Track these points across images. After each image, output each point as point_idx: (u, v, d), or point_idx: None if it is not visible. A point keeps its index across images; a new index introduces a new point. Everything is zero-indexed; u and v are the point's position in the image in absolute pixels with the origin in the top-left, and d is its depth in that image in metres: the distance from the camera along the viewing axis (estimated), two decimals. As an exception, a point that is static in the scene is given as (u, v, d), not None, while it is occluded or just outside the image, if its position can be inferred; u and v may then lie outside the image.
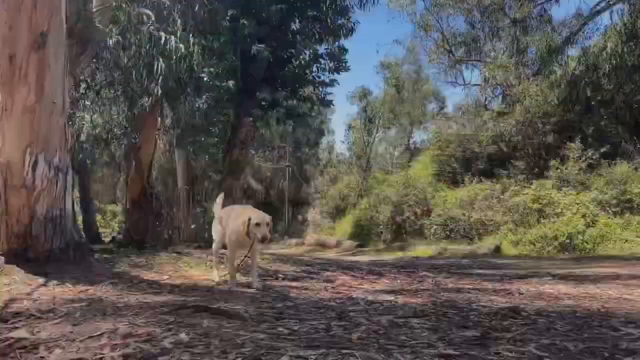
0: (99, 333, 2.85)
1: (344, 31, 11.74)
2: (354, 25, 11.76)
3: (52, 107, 5.85)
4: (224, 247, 5.89)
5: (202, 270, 7.00)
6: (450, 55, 33.08)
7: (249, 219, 4.94)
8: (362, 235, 28.20)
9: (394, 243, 21.47)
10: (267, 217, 5.06)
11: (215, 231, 5.92)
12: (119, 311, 3.53)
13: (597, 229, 14.85)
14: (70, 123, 9.24)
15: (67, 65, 6.24)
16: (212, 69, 10.91)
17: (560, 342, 2.83)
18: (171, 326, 3.06)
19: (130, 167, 12.87)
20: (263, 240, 4.92)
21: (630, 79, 19.55)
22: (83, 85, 12.72)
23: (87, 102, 13.64)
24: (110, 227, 27.50)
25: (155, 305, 3.83)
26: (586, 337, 2.99)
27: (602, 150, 18.57)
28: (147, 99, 11.42)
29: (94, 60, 11.54)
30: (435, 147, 28.24)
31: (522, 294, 5.26)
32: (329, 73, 11.89)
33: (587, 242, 14.10)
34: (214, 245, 5.98)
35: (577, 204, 16.39)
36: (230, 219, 5.44)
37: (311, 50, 11.86)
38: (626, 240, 14.18)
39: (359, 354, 2.51)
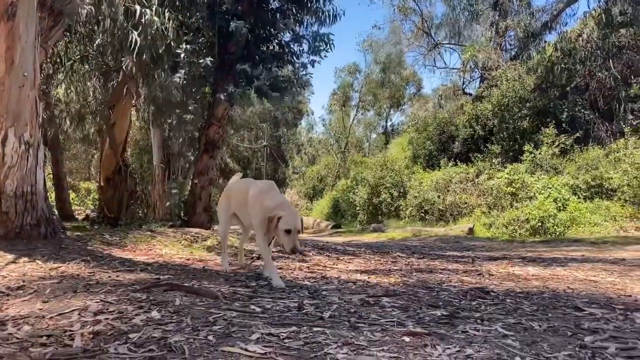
0: (69, 310, 2.83)
1: (329, 20, 11.58)
2: (337, 11, 11.57)
3: (23, 80, 5.69)
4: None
5: (176, 249, 6.97)
6: (430, 38, 33.08)
7: (278, 219, 3.90)
8: (339, 216, 28.39)
9: (370, 224, 21.64)
10: (299, 221, 4.00)
11: (222, 209, 4.97)
12: (91, 288, 3.50)
13: (567, 213, 15.19)
14: (42, 98, 9.02)
15: (38, 37, 6.05)
16: (188, 45, 10.69)
17: (526, 322, 2.91)
18: (143, 304, 3.06)
19: (105, 144, 12.63)
20: (292, 252, 3.99)
21: (605, 66, 19.87)
22: (56, 59, 12.40)
23: (60, 77, 13.31)
24: (84, 204, 27.07)
25: (128, 283, 3.81)
26: (551, 317, 3.08)
27: (575, 135, 18.91)
28: (121, 74, 11.18)
29: (67, 33, 11.23)
30: (412, 130, 28.40)
31: (492, 275, 5.38)
32: (308, 54, 11.73)
33: (557, 226, 14.42)
34: (220, 227, 5.13)
35: (549, 188, 16.71)
36: (252, 197, 4.34)
37: (291, 31, 11.69)
38: (595, 224, 14.55)
39: (330, 331, 2.55)
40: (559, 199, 16.03)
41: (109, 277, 4.10)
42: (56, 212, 9.59)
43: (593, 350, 2.29)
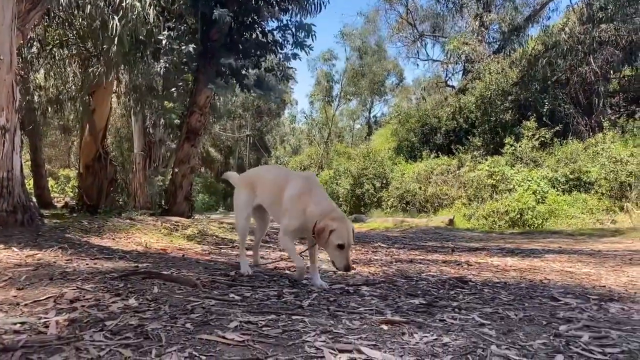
0: (44, 297, 2.79)
1: (313, 8, 11.50)
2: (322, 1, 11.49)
3: (-1, 64, 5.57)
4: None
5: (156, 237, 6.91)
6: (414, 29, 33.12)
7: (331, 232, 3.35)
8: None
9: (352, 215, 21.72)
10: (351, 234, 3.45)
11: (242, 202, 4.19)
12: (67, 276, 3.46)
13: (546, 205, 15.41)
14: (20, 82, 8.81)
15: (14, 20, 5.91)
16: (170, 32, 10.54)
17: (502, 311, 2.95)
18: (120, 292, 3.03)
19: (84, 131, 12.45)
20: (345, 270, 3.45)
21: (585, 61, 20.10)
22: (35, 44, 12.14)
23: (40, 62, 13.04)
24: (63, 192, 26.70)
25: (106, 270, 3.76)
26: (527, 306, 3.13)
27: (555, 129, 19.15)
28: (102, 60, 11.00)
29: (46, 17, 10.99)
30: (395, 121, 28.48)
31: (471, 265, 5.44)
32: (292, 46, 11.64)
33: (536, 218, 14.62)
34: (239, 224, 4.26)
35: (529, 180, 16.93)
36: (292, 198, 3.68)
37: (275, 20, 11.61)
38: (573, 217, 14.79)
39: (309, 319, 2.55)
40: (538, 192, 16.26)
41: (87, 264, 4.05)
42: (34, 199, 9.42)
43: (567, 339, 2.33)
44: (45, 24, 11.74)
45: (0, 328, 2.20)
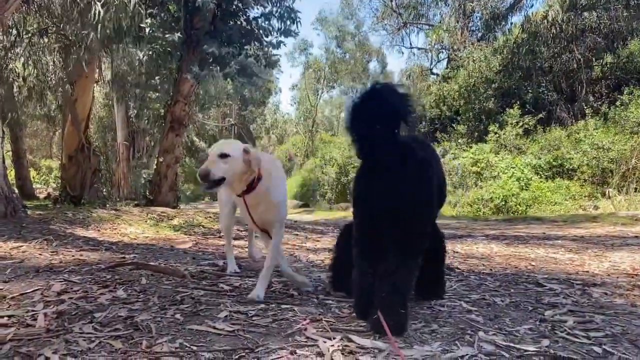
0: (31, 290, 2.77)
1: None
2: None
3: (-23, 53, 5.45)
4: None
5: (142, 228, 6.87)
6: (398, 17, 33.01)
7: None
8: (308, 195, 28.44)
9: (339, 203, 21.77)
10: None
11: (223, 199, 3.75)
12: (54, 268, 3.43)
13: (530, 192, 15.59)
14: (2, 72, 8.65)
15: (-7, 8, 5.79)
16: (153, 19, 10.38)
17: (489, 297, 2.99)
18: (108, 283, 3.01)
19: (66, 121, 12.25)
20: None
21: (568, 48, 20.26)
22: (13, 32, 11.88)
23: (18, 51, 12.77)
24: (46, 183, 26.35)
25: (92, 262, 3.74)
26: (513, 292, 3.18)
27: (539, 116, 19.31)
28: (83, 48, 10.81)
29: (25, 4, 10.75)
30: (379, 110, 28.44)
31: (457, 252, 5.49)
32: (277, 34, 11.54)
33: (520, 205, 14.79)
34: (221, 221, 3.92)
35: (513, 167, 17.09)
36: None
37: (260, 6, 11.48)
38: (556, 203, 14.99)
39: (298, 308, 2.57)
40: (522, 179, 16.42)
41: (73, 256, 4.02)
42: (16, 191, 9.28)
43: (553, 324, 2.37)
44: (24, 11, 11.49)
45: (-13, 322, 2.18)
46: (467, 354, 1.91)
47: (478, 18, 27.29)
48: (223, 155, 2.74)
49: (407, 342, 2.04)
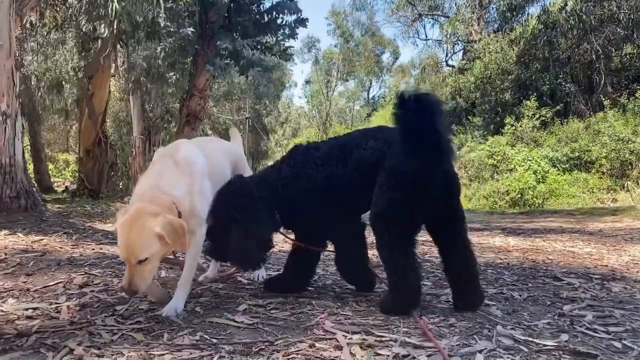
0: (54, 283, 2.82)
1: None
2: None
3: (-2, 49, 5.53)
4: None
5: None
6: (414, 8, 32.77)
7: None
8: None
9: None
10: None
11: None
12: (75, 261, 3.49)
13: (547, 185, 15.44)
14: (21, 67, 8.75)
15: (12, 4, 5.86)
16: (169, 13, 10.44)
17: (507, 291, 2.98)
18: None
19: (83, 115, 12.40)
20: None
21: (587, 39, 19.94)
22: (32, 27, 12.03)
23: (35, 45, 12.93)
24: (62, 176, 26.71)
25: (112, 255, 3.79)
26: (531, 287, 3.16)
27: (556, 108, 19.08)
28: (100, 43, 10.91)
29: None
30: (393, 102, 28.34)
31: (474, 246, 5.45)
32: (291, 26, 11.53)
33: (536, 198, 14.66)
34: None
35: (529, 160, 16.93)
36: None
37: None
38: (573, 196, 14.83)
39: (316, 302, 2.58)
40: (538, 171, 16.27)
41: (93, 250, 4.08)
42: (35, 185, 9.44)
43: (571, 318, 2.36)
44: (42, 6, 11.62)
45: (13, 314, 2.23)
46: (485, 348, 1.91)
47: (494, 9, 26.97)
48: (141, 262, 2.10)
49: (426, 337, 2.05)
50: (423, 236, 6.08)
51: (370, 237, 2.61)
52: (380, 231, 2.40)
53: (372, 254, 4.42)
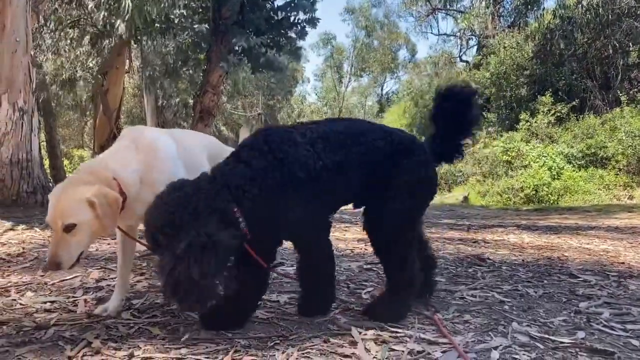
0: (70, 277, 2.86)
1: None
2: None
3: (15, 46, 5.59)
4: None
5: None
6: (427, 2, 32.54)
7: None
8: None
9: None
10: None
11: None
12: (90, 256, 3.53)
13: (561, 182, 15.27)
14: (37, 64, 8.86)
15: (29, 1, 5.92)
16: (182, 10, 10.49)
17: (522, 288, 2.96)
18: (144, 271, 3.09)
19: (98, 111, 12.50)
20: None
21: (604, 34, 19.65)
22: (47, 23, 12.16)
23: (50, 42, 13.06)
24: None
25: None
26: (546, 284, 3.13)
27: (572, 104, 18.85)
28: (114, 39, 10.99)
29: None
30: (407, 98, 28.24)
31: (488, 243, 5.44)
32: (303, 23, 11.53)
33: (551, 194, 14.51)
34: None
35: (544, 156, 16.75)
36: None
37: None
38: (589, 193, 14.66)
39: (330, 298, 2.58)
40: (553, 168, 16.09)
41: (108, 244, 4.12)
42: (52, 180, 9.55)
43: (588, 316, 2.34)
44: (57, 3, 11.74)
45: (31, 307, 2.26)
46: (500, 345, 1.90)
47: (509, 3, 26.70)
48: (69, 228, 1.91)
49: (441, 333, 2.04)
50: (436, 233, 6.03)
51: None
52: (405, 229, 2.28)
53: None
